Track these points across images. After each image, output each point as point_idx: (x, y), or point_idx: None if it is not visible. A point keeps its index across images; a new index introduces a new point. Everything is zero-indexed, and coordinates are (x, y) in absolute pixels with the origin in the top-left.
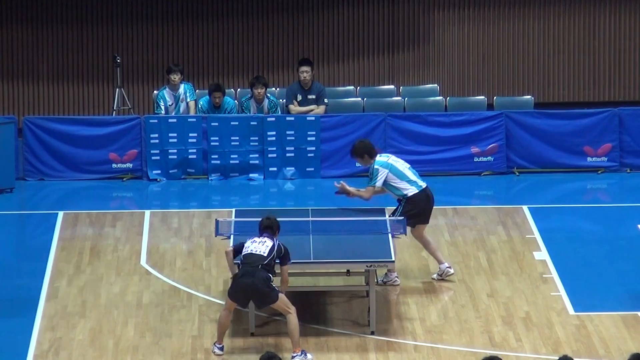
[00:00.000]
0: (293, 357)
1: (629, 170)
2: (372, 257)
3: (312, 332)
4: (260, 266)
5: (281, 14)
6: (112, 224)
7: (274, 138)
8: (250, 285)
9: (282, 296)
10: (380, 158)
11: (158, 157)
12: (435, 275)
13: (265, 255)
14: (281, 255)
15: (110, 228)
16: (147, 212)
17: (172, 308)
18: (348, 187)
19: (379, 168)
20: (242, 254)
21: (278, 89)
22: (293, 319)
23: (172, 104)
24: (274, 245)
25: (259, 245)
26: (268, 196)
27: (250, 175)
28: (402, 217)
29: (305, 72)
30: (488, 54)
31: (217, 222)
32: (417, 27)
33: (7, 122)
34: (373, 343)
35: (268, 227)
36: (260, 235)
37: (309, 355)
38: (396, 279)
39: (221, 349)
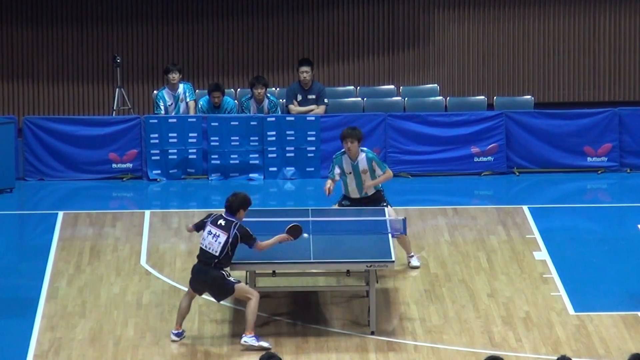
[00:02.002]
0: (242, 337)
1: (629, 170)
2: (372, 257)
3: (312, 332)
4: (213, 264)
5: (281, 14)
6: (112, 224)
7: (274, 138)
8: (205, 282)
9: (239, 286)
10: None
11: (158, 157)
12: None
13: (217, 254)
14: (243, 240)
15: (110, 228)
16: (147, 212)
17: (172, 308)
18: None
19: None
20: (200, 244)
21: (278, 89)
22: (253, 303)
23: (171, 104)
24: (227, 241)
25: (213, 241)
26: (268, 196)
27: (250, 175)
28: (402, 218)
29: (305, 72)
30: (488, 54)
31: None
32: (417, 27)
33: (7, 122)
34: (373, 343)
35: (230, 207)
36: (226, 212)
37: (264, 344)
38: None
39: (177, 334)
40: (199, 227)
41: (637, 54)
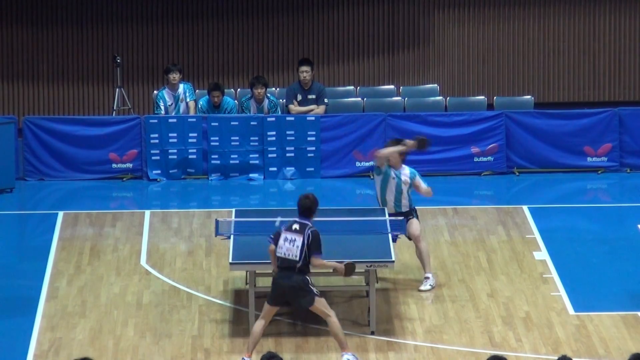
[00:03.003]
0: (343, 355)
1: (629, 170)
2: (372, 257)
3: (312, 332)
4: (296, 270)
5: (281, 14)
6: (112, 224)
7: (274, 138)
8: (288, 287)
9: (320, 300)
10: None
11: (158, 157)
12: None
13: (297, 259)
14: (311, 245)
15: (110, 228)
16: (147, 212)
17: (172, 308)
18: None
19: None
20: (277, 254)
21: (278, 89)
22: (334, 321)
23: (171, 104)
24: (303, 243)
25: (291, 247)
26: (268, 196)
27: (250, 175)
28: (401, 218)
29: (305, 72)
30: (488, 54)
31: (217, 222)
32: (417, 27)
33: (7, 122)
34: (373, 343)
35: (307, 209)
36: (300, 216)
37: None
38: None
39: None
40: (276, 239)
41: (637, 54)
